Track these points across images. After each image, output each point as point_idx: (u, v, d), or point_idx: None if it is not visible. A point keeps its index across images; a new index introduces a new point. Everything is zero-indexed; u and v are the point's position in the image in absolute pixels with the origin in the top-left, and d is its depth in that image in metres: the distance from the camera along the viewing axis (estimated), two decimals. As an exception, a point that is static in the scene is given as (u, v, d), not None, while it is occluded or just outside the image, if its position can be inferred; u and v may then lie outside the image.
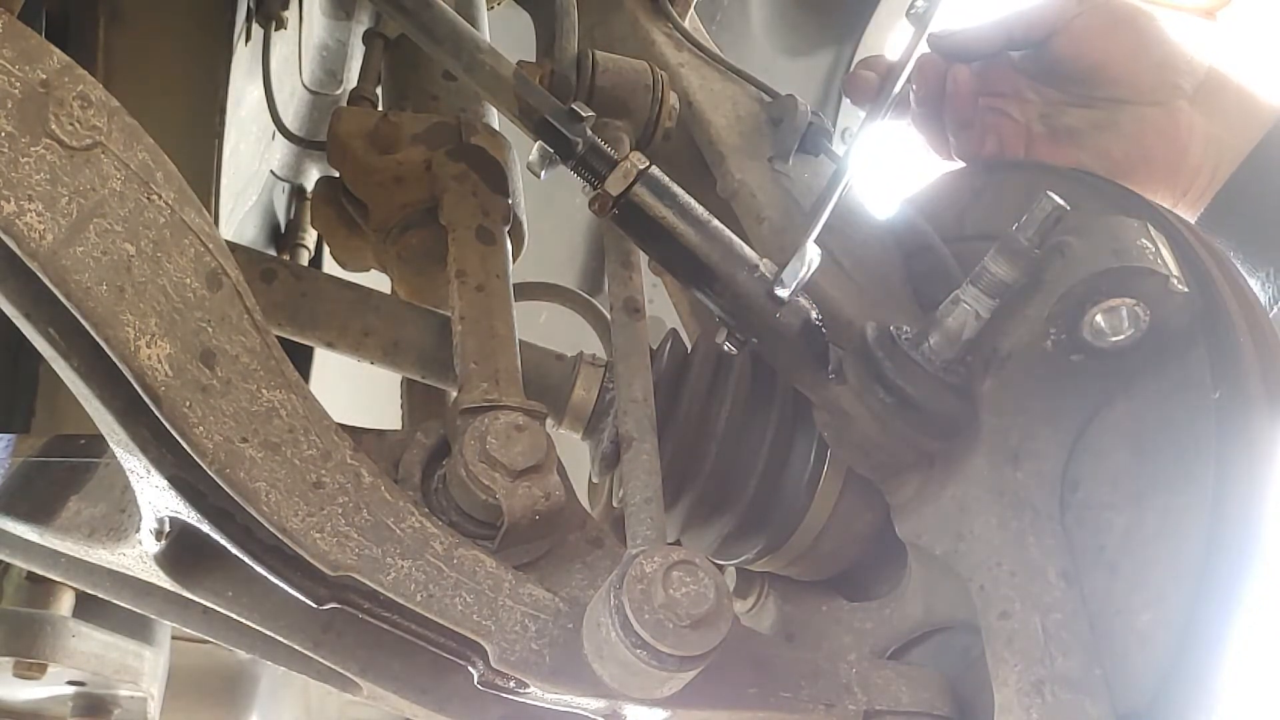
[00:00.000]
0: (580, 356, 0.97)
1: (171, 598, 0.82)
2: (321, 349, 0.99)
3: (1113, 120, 1.04)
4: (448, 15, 0.89)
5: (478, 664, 0.70)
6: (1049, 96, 1.08)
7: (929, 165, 1.15)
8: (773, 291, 0.81)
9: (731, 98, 1.07)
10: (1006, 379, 0.78)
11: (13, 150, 0.60)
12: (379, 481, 0.70)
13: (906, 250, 1.00)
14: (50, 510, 0.80)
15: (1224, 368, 0.74)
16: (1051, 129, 1.08)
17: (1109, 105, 1.04)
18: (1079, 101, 1.06)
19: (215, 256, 0.67)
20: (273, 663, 0.85)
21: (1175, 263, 0.75)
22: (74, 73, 0.63)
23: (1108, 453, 0.77)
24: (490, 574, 0.70)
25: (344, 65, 1.76)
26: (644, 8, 1.13)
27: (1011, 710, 0.70)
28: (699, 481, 0.92)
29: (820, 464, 0.91)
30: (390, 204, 1.06)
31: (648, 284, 0.99)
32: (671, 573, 0.64)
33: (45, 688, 1.27)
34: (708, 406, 0.93)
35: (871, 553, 0.93)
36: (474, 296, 0.90)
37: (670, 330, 1.01)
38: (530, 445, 0.75)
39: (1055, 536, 0.75)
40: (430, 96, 1.25)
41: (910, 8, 0.87)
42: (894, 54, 0.97)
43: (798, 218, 0.96)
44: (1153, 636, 0.69)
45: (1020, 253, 0.77)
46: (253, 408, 0.68)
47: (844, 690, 0.73)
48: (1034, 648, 0.71)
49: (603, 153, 0.81)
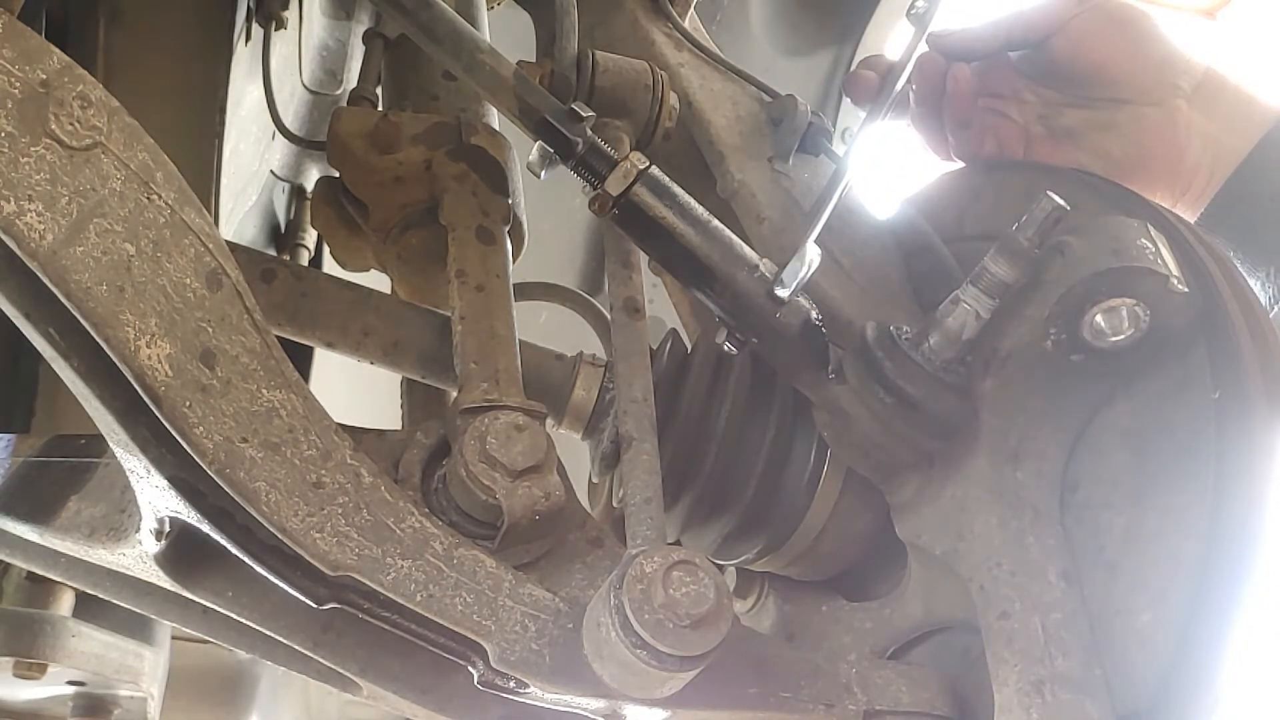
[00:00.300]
0: (580, 356, 0.97)
1: (171, 598, 0.82)
2: (321, 349, 0.99)
3: (1111, 121, 1.04)
4: (448, 15, 0.89)
5: (478, 664, 0.70)
6: (1048, 97, 1.08)
7: (929, 165, 1.15)
8: (773, 291, 0.81)
9: (731, 98, 1.07)
10: (1006, 379, 0.78)
11: (13, 150, 0.60)
12: (379, 481, 0.70)
13: (906, 250, 1.00)
14: (50, 510, 0.80)
15: (1224, 368, 0.74)
16: (1050, 129, 1.08)
17: (1107, 106, 1.04)
18: (1078, 102, 1.06)
19: (215, 256, 0.67)
20: (273, 663, 0.85)
21: (1175, 263, 0.75)
22: (74, 73, 0.63)
23: (1108, 452, 0.77)
24: (490, 574, 0.70)
25: (344, 65, 1.76)
26: (644, 8, 1.13)
27: (1011, 710, 0.70)
28: (699, 481, 0.92)
29: (820, 464, 0.91)
30: (390, 204, 1.06)
31: (648, 284, 0.99)
32: (671, 573, 0.64)
33: (45, 688, 1.27)
34: (708, 406, 0.93)
35: (871, 553, 0.93)
36: (474, 296, 0.90)
37: (670, 330, 1.01)
38: (530, 445, 0.75)
39: (1055, 536, 0.75)
40: (430, 96, 1.25)
41: (910, 8, 0.87)
42: (894, 54, 0.97)
43: (798, 218, 0.97)
44: (1153, 636, 0.69)
45: (1020, 253, 0.77)
46: (253, 408, 0.68)
47: (844, 690, 0.73)
48: (1034, 648, 0.71)
49: (603, 153, 0.81)
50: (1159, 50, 1.03)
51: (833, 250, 0.92)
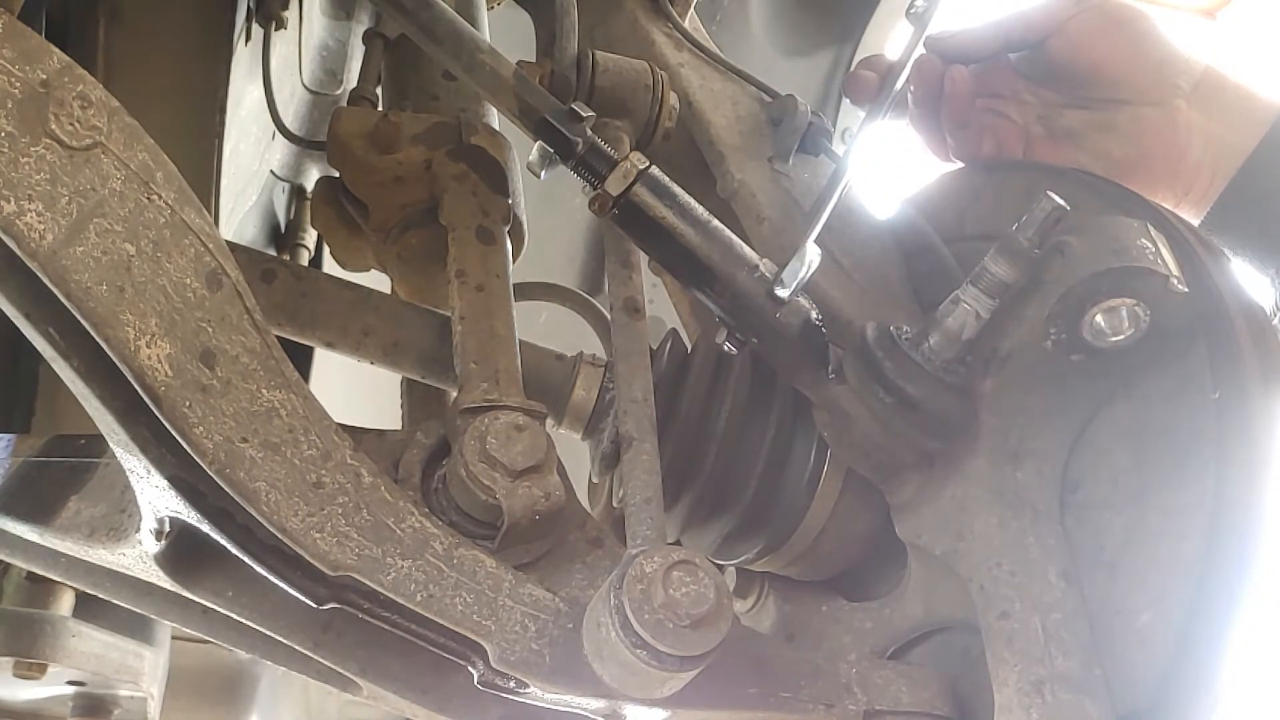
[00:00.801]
0: (580, 356, 0.97)
1: (171, 598, 0.82)
2: (321, 349, 0.99)
3: (1111, 121, 1.04)
4: (448, 15, 0.89)
5: (478, 664, 0.70)
6: (1047, 98, 1.08)
7: (929, 165, 1.15)
8: (773, 291, 0.81)
9: (731, 98, 1.07)
10: (1006, 379, 0.78)
11: (13, 150, 0.60)
12: (379, 481, 0.70)
13: (906, 250, 1.00)
14: (50, 510, 0.80)
15: (1224, 368, 0.74)
16: (1050, 130, 1.07)
17: (1107, 106, 1.04)
18: (1077, 103, 1.06)
19: (215, 256, 0.67)
20: (273, 663, 0.85)
21: (1175, 263, 0.75)
22: (74, 73, 0.63)
23: (1108, 453, 0.77)
24: (490, 574, 0.70)
25: (344, 65, 1.76)
26: (644, 8, 1.13)
27: (1011, 710, 0.70)
28: (699, 481, 0.92)
29: (820, 464, 0.91)
30: (390, 204, 1.06)
31: (648, 284, 0.99)
32: (671, 573, 0.64)
33: (45, 688, 1.27)
34: (708, 406, 0.93)
35: (871, 553, 0.93)
36: (474, 296, 0.90)
37: (670, 330, 1.01)
38: (530, 445, 0.75)
39: (1055, 536, 0.75)
40: (430, 96, 1.25)
41: (910, 8, 0.87)
42: (894, 54, 0.97)
43: (798, 218, 0.97)
44: (1153, 636, 0.69)
45: (1020, 253, 0.77)
46: (253, 408, 0.68)
47: (844, 690, 0.73)
48: (1034, 648, 0.71)
49: (603, 153, 0.81)
50: (1158, 50, 1.03)
51: (833, 250, 0.92)
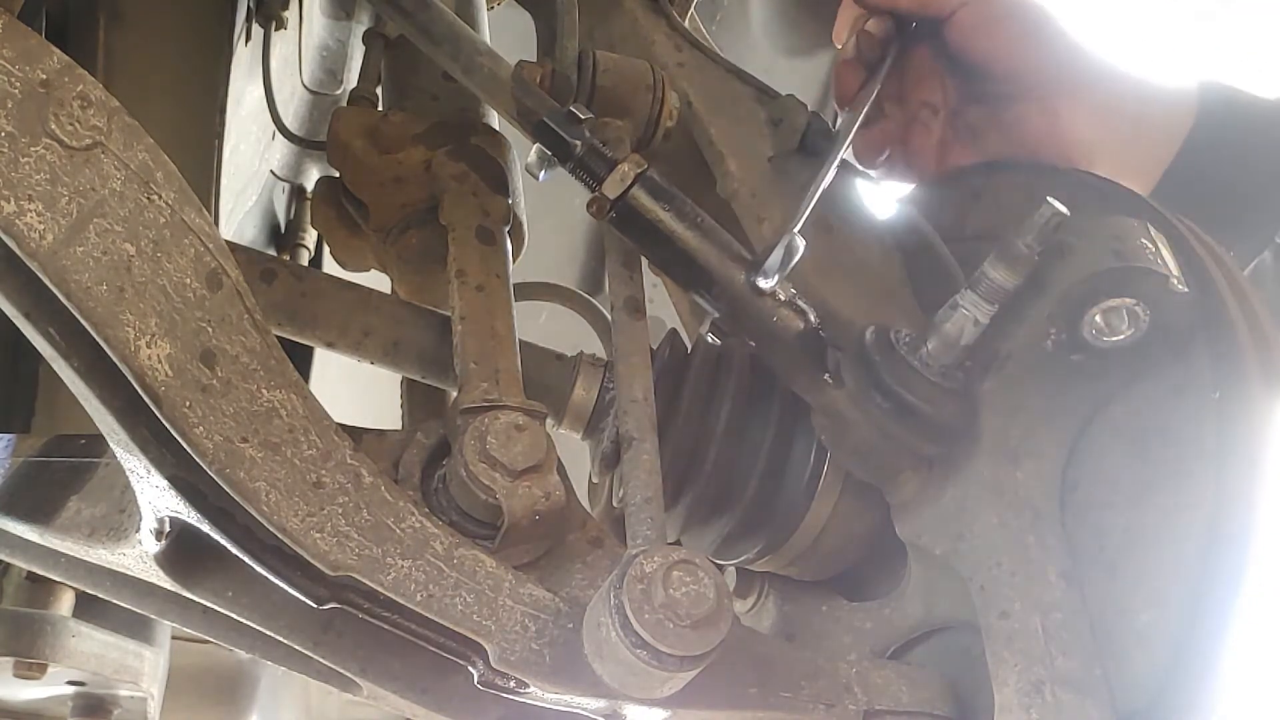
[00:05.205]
0: (580, 356, 0.97)
1: (171, 598, 0.82)
2: (321, 349, 0.99)
3: (998, 118, 1.00)
4: (446, 16, 0.89)
5: (478, 664, 0.70)
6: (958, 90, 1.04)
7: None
8: (774, 293, 0.81)
9: (731, 98, 1.06)
10: (1007, 379, 0.78)
11: (13, 150, 0.60)
12: (379, 481, 0.70)
13: (906, 250, 0.99)
14: (50, 510, 0.80)
15: (1224, 368, 0.74)
16: (956, 129, 1.04)
17: (998, 102, 1.00)
18: (976, 96, 1.02)
19: (215, 256, 0.67)
20: (273, 663, 0.85)
21: (1175, 263, 0.75)
22: (74, 73, 0.63)
23: (1108, 453, 0.77)
24: (490, 574, 0.70)
25: (344, 65, 1.76)
26: (644, 8, 1.13)
27: (1011, 710, 0.70)
28: (699, 481, 0.92)
29: (820, 464, 0.91)
30: (390, 204, 1.06)
31: (648, 284, 0.99)
32: (671, 573, 0.64)
33: (45, 688, 1.27)
34: (708, 407, 0.93)
35: (871, 553, 0.93)
36: (474, 296, 0.90)
37: (670, 330, 1.01)
38: (530, 445, 0.75)
39: (1055, 536, 0.75)
40: (430, 96, 1.25)
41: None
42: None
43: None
44: (1153, 636, 0.69)
45: (1019, 259, 0.76)
46: (253, 408, 0.68)
47: (844, 690, 0.73)
48: (1034, 647, 0.71)
49: (601, 155, 0.81)
50: (1047, 44, 0.98)
51: (832, 250, 0.92)
